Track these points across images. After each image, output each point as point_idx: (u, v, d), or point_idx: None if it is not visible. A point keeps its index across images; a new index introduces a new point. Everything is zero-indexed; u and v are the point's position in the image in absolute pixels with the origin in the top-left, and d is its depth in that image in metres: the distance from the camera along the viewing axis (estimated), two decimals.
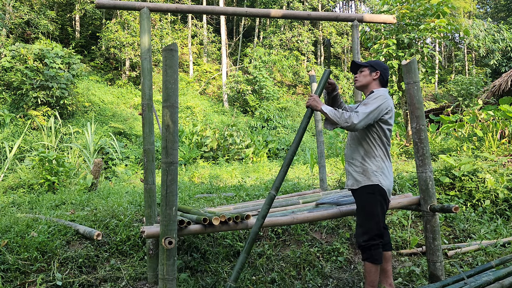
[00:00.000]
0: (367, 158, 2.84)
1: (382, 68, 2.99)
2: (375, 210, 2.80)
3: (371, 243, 2.77)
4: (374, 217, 2.79)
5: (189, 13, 4.23)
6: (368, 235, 2.78)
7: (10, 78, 12.58)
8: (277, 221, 3.06)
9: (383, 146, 2.86)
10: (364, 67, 3.01)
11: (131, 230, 3.88)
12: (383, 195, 2.83)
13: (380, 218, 2.82)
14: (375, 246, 2.77)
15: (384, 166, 2.84)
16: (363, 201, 2.86)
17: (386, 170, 2.85)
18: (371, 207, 2.81)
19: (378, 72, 2.97)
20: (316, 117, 5.02)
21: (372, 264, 2.77)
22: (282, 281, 3.45)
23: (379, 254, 2.78)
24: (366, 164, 2.83)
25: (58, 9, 20.90)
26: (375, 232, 2.78)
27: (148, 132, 3.44)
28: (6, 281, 3.10)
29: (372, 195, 2.81)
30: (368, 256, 2.78)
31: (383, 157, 2.85)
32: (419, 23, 8.44)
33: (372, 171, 2.81)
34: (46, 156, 7.01)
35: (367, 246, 2.77)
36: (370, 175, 2.81)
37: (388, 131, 2.86)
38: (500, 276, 2.78)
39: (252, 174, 8.65)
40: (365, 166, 2.83)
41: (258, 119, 19.02)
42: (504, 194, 4.92)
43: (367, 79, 2.99)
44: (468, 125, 9.03)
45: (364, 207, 2.85)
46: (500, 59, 24.98)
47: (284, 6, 25.03)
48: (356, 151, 2.91)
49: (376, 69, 2.97)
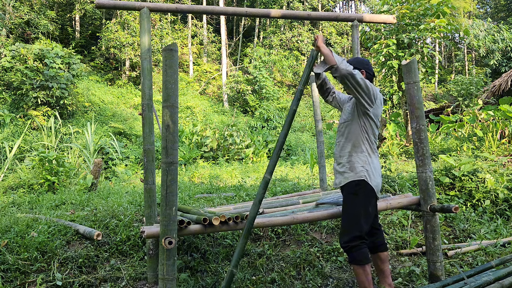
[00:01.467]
0: (354, 153, 2.81)
1: (365, 65, 2.95)
2: (358, 210, 2.74)
3: (351, 244, 2.69)
4: (356, 217, 2.74)
5: (189, 13, 4.23)
6: (348, 236, 2.72)
7: (10, 78, 12.58)
8: (277, 221, 3.06)
9: (370, 141, 2.84)
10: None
11: (131, 230, 3.88)
12: (370, 191, 2.78)
13: (363, 218, 2.74)
14: (356, 248, 2.69)
15: (370, 161, 2.81)
16: (347, 199, 2.82)
17: (373, 166, 2.81)
18: (354, 207, 2.77)
19: (363, 71, 2.92)
20: (316, 117, 5.02)
21: (358, 266, 2.70)
22: (282, 281, 3.45)
23: (362, 255, 2.69)
24: (353, 159, 2.80)
25: (58, 9, 20.90)
26: (355, 233, 2.71)
27: (148, 132, 3.44)
28: (6, 281, 3.10)
29: (356, 195, 2.76)
30: (351, 258, 2.72)
31: (370, 152, 2.83)
32: (419, 23, 8.44)
33: (359, 165, 2.78)
34: (46, 156, 7.01)
35: (347, 248, 2.71)
36: (357, 170, 2.77)
37: (375, 127, 2.86)
38: (500, 276, 2.78)
39: (252, 174, 8.65)
40: (352, 161, 2.80)
41: (258, 119, 19.02)
42: (504, 194, 4.92)
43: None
44: (468, 125, 9.03)
45: (347, 205, 2.81)
46: (500, 59, 24.97)
47: (284, 6, 25.04)
48: (344, 147, 2.88)
49: (360, 68, 2.90)
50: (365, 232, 2.75)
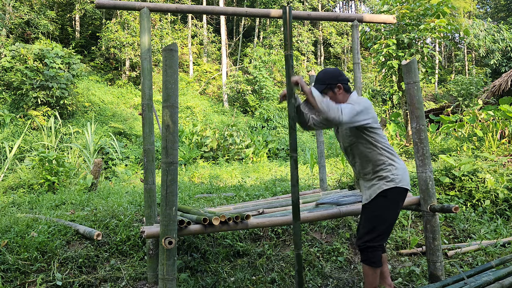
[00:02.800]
0: (378, 168, 2.71)
1: (337, 77, 2.75)
2: (387, 214, 2.69)
3: (369, 244, 2.66)
4: (385, 221, 2.68)
5: (189, 13, 4.23)
6: (369, 235, 2.67)
7: (10, 78, 12.58)
8: (277, 221, 3.06)
9: (385, 146, 2.74)
10: (324, 91, 2.74)
11: (131, 230, 3.88)
12: (401, 194, 2.71)
13: (389, 221, 2.70)
14: (372, 249, 2.65)
15: (396, 166, 2.71)
16: (377, 205, 2.71)
17: (400, 168, 2.72)
18: (383, 212, 2.69)
19: (339, 85, 2.75)
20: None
21: (369, 267, 2.67)
22: (282, 281, 3.45)
23: (377, 257, 2.66)
24: (379, 174, 2.71)
25: (58, 9, 20.90)
26: (377, 234, 2.66)
27: (148, 132, 3.44)
28: (6, 281, 3.10)
29: (389, 200, 2.69)
30: (365, 258, 2.68)
31: (391, 157, 2.73)
32: (419, 23, 8.44)
33: (388, 176, 2.68)
34: (46, 156, 7.01)
35: (364, 246, 2.67)
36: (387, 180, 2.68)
37: (380, 132, 2.73)
38: (500, 276, 2.78)
39: (252, 174, 8.65)
40: (379, 176, 2.71)
41: (258, 119, 19.02)
42: (504, 194, 4.92)
43: (335, 99, 2.73)
44: (468, 125, 9.03)
45: (375, 211, 2.72)
46: (500, 59, 24.98)
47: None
48: (365, 167, 2.77)
49: (334, 83, 2.74)
50: (387, 235, 2.72)
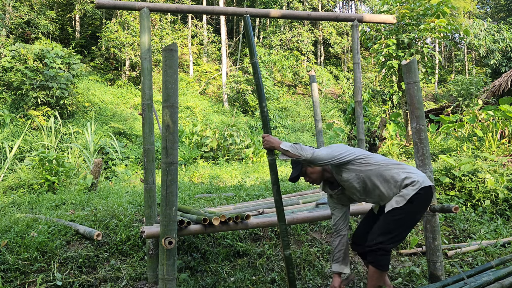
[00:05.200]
0: (398, 182, 2.62)
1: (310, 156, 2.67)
2: (409, 218, 2.61)
3: (381, 246, 2.55)
4: (403, 225, 2.61)
5: (189, 13, 4.23)
6: (384, 237, 2.56)
7: (10, 78, 12.58)
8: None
9: (390, 163, 2.67)
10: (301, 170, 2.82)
11: (131, 230, 3.88)
12: (428, 195, 2.61)
13: (410, 226, 2.64)
14: (383, 251, 2.55)
15: (413, 170, 2.65)
16: (404, 210, 2.58)
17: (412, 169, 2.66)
18: (408, 216, 2.60)
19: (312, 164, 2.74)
20: (316, 116, 5.02)
21: (376, 269, 2.58)
22: (282, 281, 3.45)
23: (386, 261, 2.57)
24: (403, 183, 2.61)
25: (58, 9, 20.90)
26: (391, 236, 2.57)
27: (148, 132, 3.44)
28: (6, 281, 3.10)
29: (417, 204, 2.59)
30: (374, 260, 2.58)
31: (399, 167, 2.66)
32: (419, 23, 8.45)
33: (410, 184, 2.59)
34: (46, 156, 7.01)
35: (375, 248, 2.56)
36: (412, 186, 2.58)
37: (374, 157, 2.71)
38: (500, 276, 2.78)
39: (252, 174, 8.65)
40: (404, 185, 2.61)
41: (258, 119, 19.02)
42: (504, 194, 4.92)
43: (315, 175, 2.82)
44: (468, 125, 9.03)
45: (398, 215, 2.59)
46: (500, 59, 24.98)
47: (284, 6, 25.04)
48: (385, 188, 2.66)
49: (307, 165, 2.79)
50: (402, 239, 2.67)
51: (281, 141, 2.70)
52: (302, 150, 2.62)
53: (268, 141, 2.72)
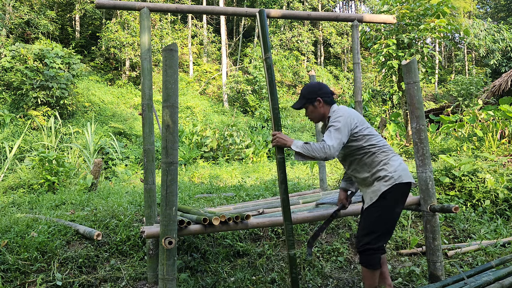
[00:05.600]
0: (374, 170, 2.66)
1: (317, 91, 2.78)
2: (388, 215, 2.63)
3: (368, 247, 2.59)
4: (384, 222, 2.63)
5: (189, 13, 4.23)
6: (369, 237, 2.61)
7: (10, 78, 12.58)
8: (277, 221, 3.07)
9: (377, 147, 2.68)
10: (305, 105, 2.81)
11: (131, 230, 3.88)
12: (402, 191, 2.64)
13: (391, 223, 2.65)
14: (371, 251, 2.59)
15: (394, 164, 2.65)
16: (379, 206, 2.64)
17: (399, 167, 2.65)
18: (384, 212, 2.63)
19: (318, 99, 2.76)
20: None
21: (367, 269, 2.62)
22: (282, 281, 3.45)
23: (375, 260, 2.60)
24: (376, 174, 2.66)
25: (58, 9, 20.90)
26: (376, 236, 2.60)
27: (148, 132, 3.44)
28: (6, 281, 3.10)
29: (390, 199, 2.62)
30: (363, 260, 2.62)
31: (384, 155, 2.67)
32: (419, 23, 8.45)
33: (385, 175, 2.62)
34: (46, 156, 7.01)
35: (363, 249, 2.61)
36: (386, 179, 2.62)
37: (368, 135, 2.69)
38: (500, 276, 2.78)
39: (252, 174, 8.65)
40: (376, 175, 2.65)
41: (258, 119, 19.02)
42: (504, 194, 4.92)
43: (317, 112, 2.80)
44: (468, 125, 9.03)
45: (376, 211, 2.65)
46: (500, 59, 24.97)
47: (284, 6, 25.04)
48: (362, 171, 2.72)
49: (314, 98, 2.77)
50: (388, 236, 2.66)
51: (293, 140, 2.64)
52: (314, 152, 2.54)
53: (279, 138, 2.67)
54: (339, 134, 2.57)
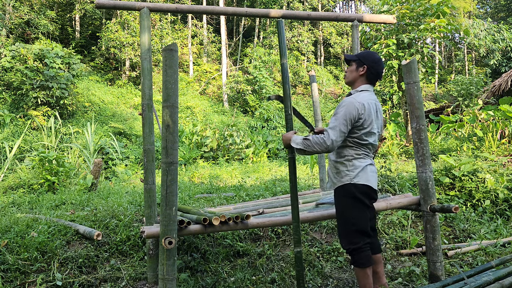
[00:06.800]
0: (339, 158, 2.71)
1: (371, 61, 2.73)
2: (349, 213, 2.67)
3: (352, 247, 2.63)
4: (349, 220, 2.66)
5: (189, 13, 4.23)
6: (346, 239, 2.67)
7: (10, 78, 12.58)
8: (277, 221, 3.06)
9: (357, 146, 2.67)
10: (353, 61, 2.79)
11: (131, 230, 3.88)
12: (360, 193, 2.63)
13: (356, 220, 2.65)
14: (357, 250, 2.62)
15: (358, 164, 2.65)
16: (338, 204, 2.74)
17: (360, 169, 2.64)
18: (344, 210, 2.69)
19: (365, 66, 2.72)
20: (316, 116, 5.02)
21: (359, 268, 2.65)
22: (282, 281, 3.45)
23: (365, 258, 2.63)
24: (338, 164, 2.71)
25: (58, 9, 20.90)
26: (352, 236, 2.64)
27: (148, 132, 3.44)
28: (6, 281, 3.10)
29: (345, 197, 2.67)
30: (353, 260, 2.67)
31: (356, 156, 2.66)
32: (419, 23, 8.45)
33: (344, 171, 2.67)
34: (46, 156, 7.01)
35: (349, 251, 2.66)
36: (342, 175, 2.68)
37: (364, 134, 2.65)
38: (500, 276, 2.78)
39: (252, 174, 8.65)
40: (337, 166, 2.71)
41: (258, 119, 19.01)
42: (504, 194, 4.92)
43: (353, 75, 2.78)
44: (468, 125, 9.03)
45: (338, 210, 2.75)
46: (500, 59, 24.97)
47: (284, 6, 25.03)
48: (332, 153, 2.79)
49: (363, 63, 2.73)
50: (363, 233, 2.67)
51: (291, 136, 2.68)
52: (314, 146, 2.57)
53: (283, 139, 2.75)
54: (338, 127, 2.58)
